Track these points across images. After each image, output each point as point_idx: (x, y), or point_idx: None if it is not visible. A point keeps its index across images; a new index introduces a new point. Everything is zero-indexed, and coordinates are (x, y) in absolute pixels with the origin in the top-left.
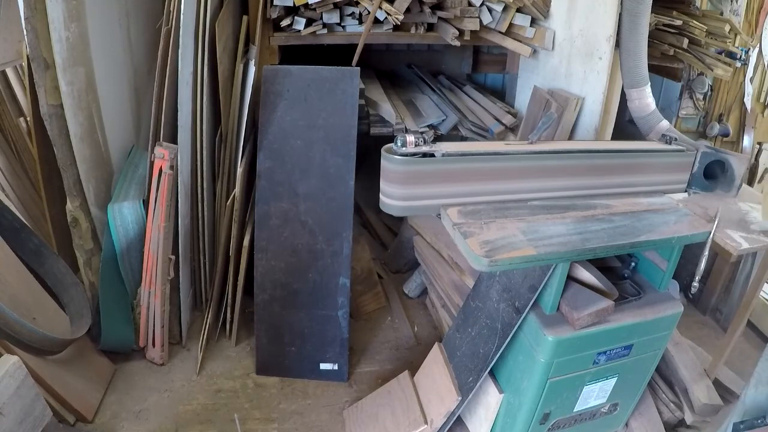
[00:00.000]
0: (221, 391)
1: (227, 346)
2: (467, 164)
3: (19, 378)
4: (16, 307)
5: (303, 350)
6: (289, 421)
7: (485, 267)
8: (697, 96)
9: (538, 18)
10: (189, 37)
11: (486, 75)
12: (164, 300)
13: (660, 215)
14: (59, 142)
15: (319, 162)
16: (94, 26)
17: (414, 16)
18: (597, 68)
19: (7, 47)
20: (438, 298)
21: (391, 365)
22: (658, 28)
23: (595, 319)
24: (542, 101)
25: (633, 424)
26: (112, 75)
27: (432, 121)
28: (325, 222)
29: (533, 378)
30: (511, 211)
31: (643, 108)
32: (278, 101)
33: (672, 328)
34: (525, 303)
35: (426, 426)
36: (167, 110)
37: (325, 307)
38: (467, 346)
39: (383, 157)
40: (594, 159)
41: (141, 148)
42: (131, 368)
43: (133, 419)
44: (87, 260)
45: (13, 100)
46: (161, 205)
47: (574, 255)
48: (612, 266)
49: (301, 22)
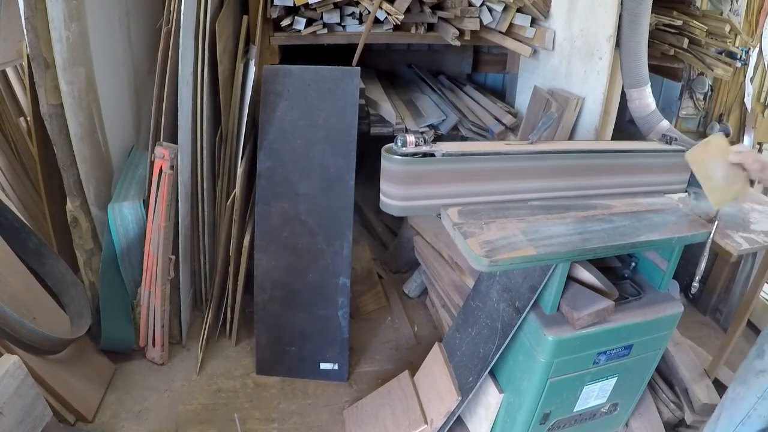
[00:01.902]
0: (221, 391)
1: (227, 346)
2: (467, 164)
3: (20, 378)
4: (16, 307)
5: (303, 350)
6: (289, 420)
7: (485, 267)
8: (697, 96)
9: (538, 18)
10: (189, 37)
11: (486, 75)
12: (164, 300)
13: (660, 215)
14: (59, 142)
15: (319, 162)
16: (94, 26)
17: (414, 16)
18: (597, 68)
19: (8, 47)
20: (438, 298)
21: (391, 365)
22: (658, 28)
23: (596, 319)
24: (542, 101)
25: (633, 424)
26: (113, 75)
27: (432, 121)
28: (325, 222)
29: (533, 378)
30: (511, 211)
31: (644, 108)
32: (278, 101)
33: (672, 328)
34: (525, 303)
35: (426, 426)
36: (167, 110)
37: (325, 307)
38: (467, 346)
39: (383, 157)
40: (594, 159)
41: (141, 148)
42: (131, 368)
43: (133, 419)
44: (87, 260)
45: (13, 100)
46: (161, 205)
47: (574, 255)
48: (612, 266)
49: (301, 22)
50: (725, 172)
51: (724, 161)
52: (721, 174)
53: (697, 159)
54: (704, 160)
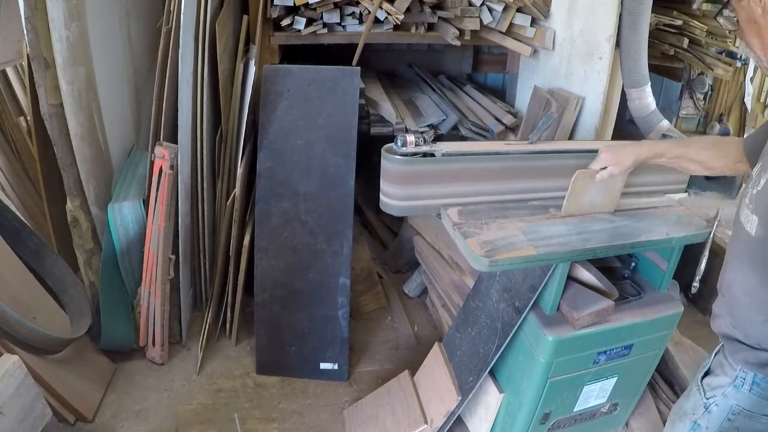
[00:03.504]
0: (221, 391)
1: (227, 346)
2: (467, 164)
3: (19, 377)
4: (16, 307)
5: (303, 350)
6: (289, 420)
7: (485, 267)
8: (697, 96)
9: (538, 18)
10: (189, 36)
11: (486, 75)
12: (164, 299)
13: (660, 215)
14: (59, 142)
15: (319, 162)
16: (94, 25)
17: (414, 16)
18: (597, 68)
19: (8, 47)
20: (438, 298)
21: (391, 365)
22: (658, 28)
23: (596, 319)
24: (542, 101)
25: (633, 424)
26: (113, 74)
27: (432, 120)
28: (325, 222)
29: (533, 378)
30: (511, 211)
31: (644, 108)
32: (278, 101)
33: (672, 328)
34: (525, 303)
35: (426, 426)
36: (167, 110)
37: (325, 306)
38: (467, 346)
39: (383, 157)
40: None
41: (141, 147)
42: (131, 368)
43: (133, 419)
44: (87, 260)
45: (13, 100)
46: (161, 205)
47: (574, 255)
48: (612, 266)
49: (301, 22)
50: (601, 187)
51: (594, 183)
52: (596, 191)
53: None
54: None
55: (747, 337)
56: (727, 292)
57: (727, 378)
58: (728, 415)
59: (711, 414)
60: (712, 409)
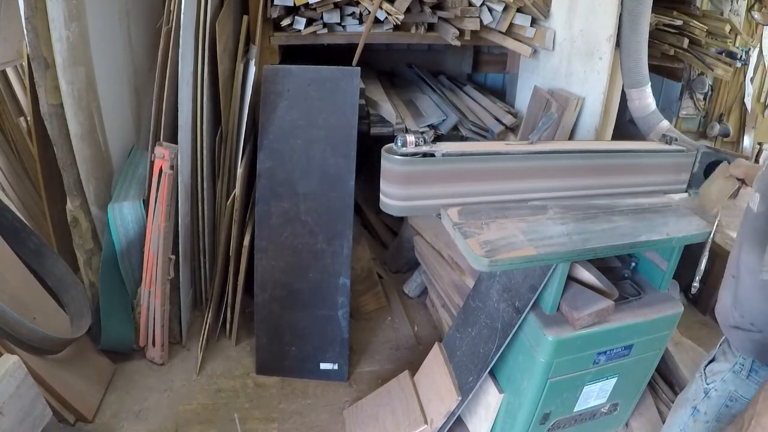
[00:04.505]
0: (221, 391)
1: (227, 346)
2: (467, 164)
3: (19, 377)
4: (16, 307)
5: (303, 350)
6: (289, 420)
7: (485, 267)
8: (697, 96)
9: (538, 18)
10: (189, 36)
11: (486, 75)
12: (164, 300)
13: (660, 215)
14: (59, 142)
15: (319, 162)
16: (94, 26)
17: (414, 16)
18: (597, 68)
19: (8, 47)
20: (438, 298)
21: (391, 365)
22: (658, 28)
23: (596, 319)
24: (542, 101)
25: (633, 424)
26: (113, 74)
27: (432, 121)
28: (325, 222)
29: (533, 378)
30: (511, 211)
31: (644, 108)
32: (278, 101)
33: (672, 328)
34: (525, 303)
35: (426, 426)
36: (167, 110)
37: (325, 306)
38: (467, 346)
39: (383, 157)
40: (594, 159)
41: (141, 147)
42: (131, 368)
43: (133, 419)
44: (87, 260)
45: (13, 100)
46: (161, 205)
47: (574, 255)
48: (612, 266)
49: (301, 22)
50: (721, 184)
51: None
52: (716, 187)
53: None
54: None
55: (743, 317)
56: (736, 272)
57: (728, 364)
58: (726, 401)
59: (710, 399)
60: (712, 394)
